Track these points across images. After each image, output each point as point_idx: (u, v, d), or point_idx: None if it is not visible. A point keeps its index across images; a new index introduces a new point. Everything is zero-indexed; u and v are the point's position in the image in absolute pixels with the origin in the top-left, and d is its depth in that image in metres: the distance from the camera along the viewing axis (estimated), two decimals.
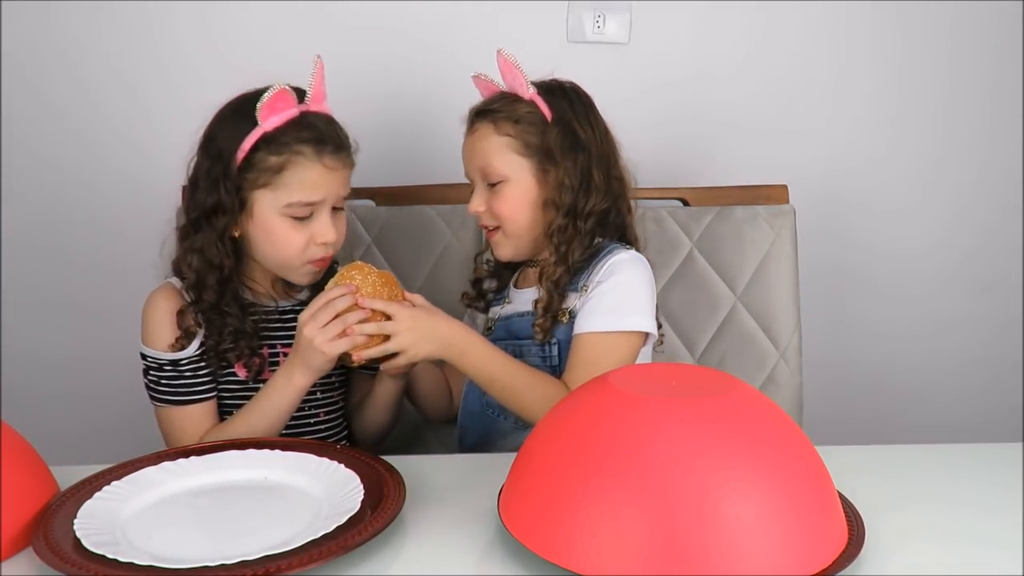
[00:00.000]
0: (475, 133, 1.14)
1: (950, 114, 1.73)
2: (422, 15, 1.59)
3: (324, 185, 1.06)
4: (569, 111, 1.14)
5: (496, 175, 1.12)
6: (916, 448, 1.04)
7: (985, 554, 0.77)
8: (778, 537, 0.68)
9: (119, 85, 1.57)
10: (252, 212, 1.07)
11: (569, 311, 1.11)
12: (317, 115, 1.08)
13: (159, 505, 0.84)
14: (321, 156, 1.05)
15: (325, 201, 1.07)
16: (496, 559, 0.75)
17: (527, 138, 1.11)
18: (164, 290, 1.12)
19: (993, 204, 1.77)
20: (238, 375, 1.12)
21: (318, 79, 1.08)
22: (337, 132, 1.09)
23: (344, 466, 0.88)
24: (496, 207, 1.12)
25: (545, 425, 0.80)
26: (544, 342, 1.11)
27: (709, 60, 1.66)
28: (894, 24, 1.67)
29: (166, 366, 1.09)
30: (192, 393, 1.10)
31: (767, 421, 0.75)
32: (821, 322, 1.69)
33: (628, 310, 1.08)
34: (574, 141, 1.12)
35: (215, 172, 1.06)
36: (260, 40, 1.56)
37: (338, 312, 0.98)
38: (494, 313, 1.22)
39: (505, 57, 1.12)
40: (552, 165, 1.11)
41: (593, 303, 1.09)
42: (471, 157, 1.14)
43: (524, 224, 1.13)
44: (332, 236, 1.08)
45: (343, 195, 1.10)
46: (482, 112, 1.14)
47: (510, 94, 1.14)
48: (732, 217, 1.43)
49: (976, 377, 1.82)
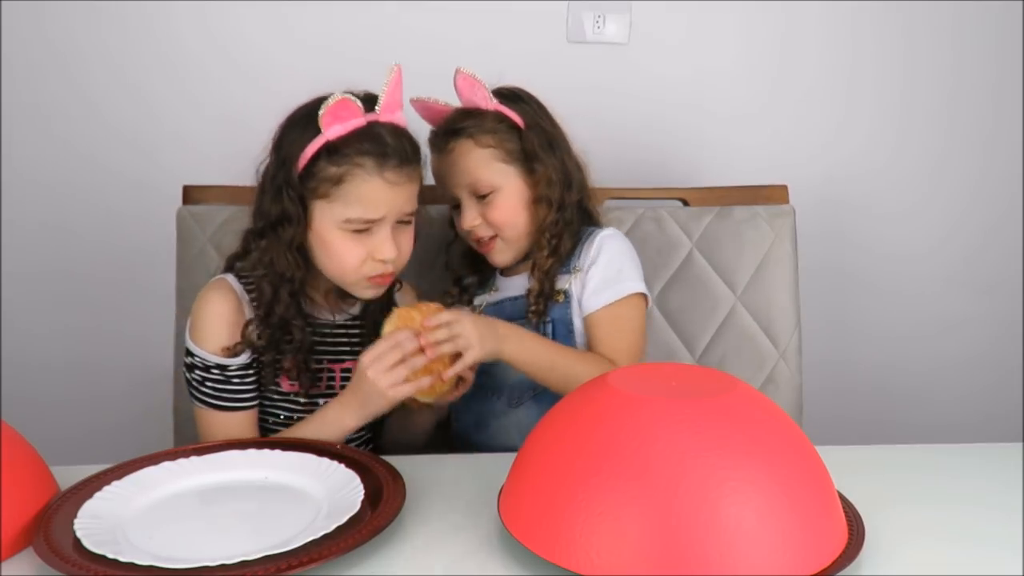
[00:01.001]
0: (452, 152, 1.15)
1: (951, 115, 1.73)
2: (421, 16, 1.59)
3: (385, 201, 1.02)
4: (532, 113, 1.18)
5: (486, 186, 1.14)
6: (916, 448, 1.04)
7: (985, 554, 0.77)
8: (778, 537, 0.68)
9: (118, 85, 1.57)
10: (311, 222, 1.03)
11: (564, 291, 1.16)
12: (385, 125, 1.03)
13: (159, 505, 0.84)
14: (382, 170, 1.00)
15: (386, 217, 1.03)
16: (496, 559, 0.75)
17: (507, 145, 1.15)
18: (221, 289, 1.07)
19: (994, 205, 1.77)
20: (282, 386, 1.09)
21: (392, 87, 1.04)
22: (404, 145, 1.03)
23: (344, 466, 0.88)
24: (491, 217, 1.15)
25: (545, 425, 0.80)
26: (539, 323, 1.16)
27: (709, 60, 1.66)
28: (895, 24, 1.67)
29: (213, 369, 1.05)
30: (236, 400, 1.06)
31: (767, 421, 0.75)
32: (821, 322, 1.69)
33: (625, 277, 1.16)
34: (547, 139, 1.17)
35: (279, 179, 1.03)
36: (261, 39, 1.56)
37: (405, 355, 0.97)
38: (480, 301, 1.24)
39: (465, 74, 1.15)
40: (536, 164, 1.15)
41: (596, 283, 1.15)
42: (453, 175, 1.15)
43: (521, 227, 1.17)
44: (391, 253, 1.03)
45: (408, 211, 1.06)
46: (452, 131, 1.15)
47: (469, 109, 1.16)
48: (732, 217, 1.43)
49: (976, 377, 1.82)
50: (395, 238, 1.04)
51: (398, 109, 1.06)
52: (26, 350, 1.64)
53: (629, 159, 1.65)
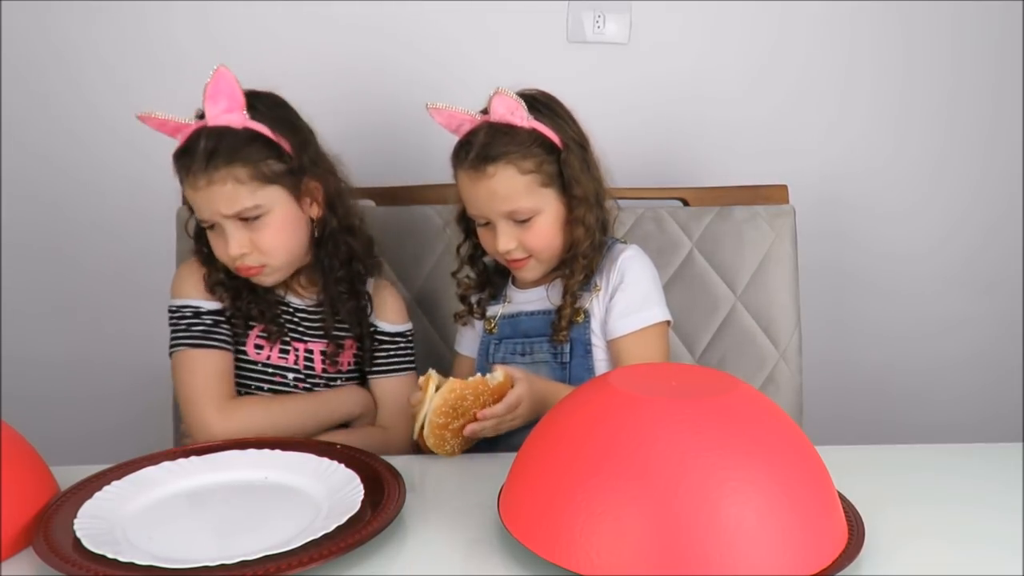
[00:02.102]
0: (492, 178, 1.09)
1: (951, 115, 1.73)
2: (422, 15, 1.59)
3: (202, 204, 1.07)
4: (567, 128, 1.14)
5: (528, 213, 1.11)
6: (916, 448, 1.04)
7: (985, 554, 0.77)
8: (778, 537, 0.68)
9: (118, 85, 1.57)
10: None
11: (584, 310, 1.15)
12: (207, 130, 1.05)
13: (159, 505, 0.84)
14: (194, 177, 1.05)
15: (213, 219, 1.07)
16: (496, 559, 0.75)
17: (547, 168, 1.11)
18: (191, 263, 1.16)
19: (994, 204, 1.77)
20: (248, 353, 1.13)
21: (209, 91, 1.05)
22: (217, 147, 1.04)
23: (344, 466, 0.88)
24: (528, 240, 1.12)
25: (545, 425, 0.80)
26: (562, 342, 1.15)
27: (709, 60, 1.66)
28: (895, 24, 1.67)
29: (188, 312, 1.11)
30: (209, 338, 1.10)
31: (767, 421, 0.75)
32: (821, 322, 1.69)
33: (652, 303, 1.15)
34: (583, 159, 1.14)
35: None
36: (260, 39, 1.56)
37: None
38: (494, 312, 1.23)
39: (504, 96, 1.08)
40: (576, 188, 1.13)
41: (621, 307, 1.14)
42: (491, 201, 1.11)
43: (557, 248, 1.15)
44: (235, 250, 1.07)
45: (233, 210, 1.06)
46: (492, 156, 1.09)
47: (500, 125, 1.10)
48: (732, 217, 1.43)
49: (976, 377, 1.82)
50: (249, 236, 1.07)
51: (229, 111, 1.06)
52: (26, 350, 1.64)
53: (629, 159, 1.64)
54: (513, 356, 1.19)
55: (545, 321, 1.17)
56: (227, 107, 1.05)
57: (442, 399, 0.96)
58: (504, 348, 1.20)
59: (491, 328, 1.22)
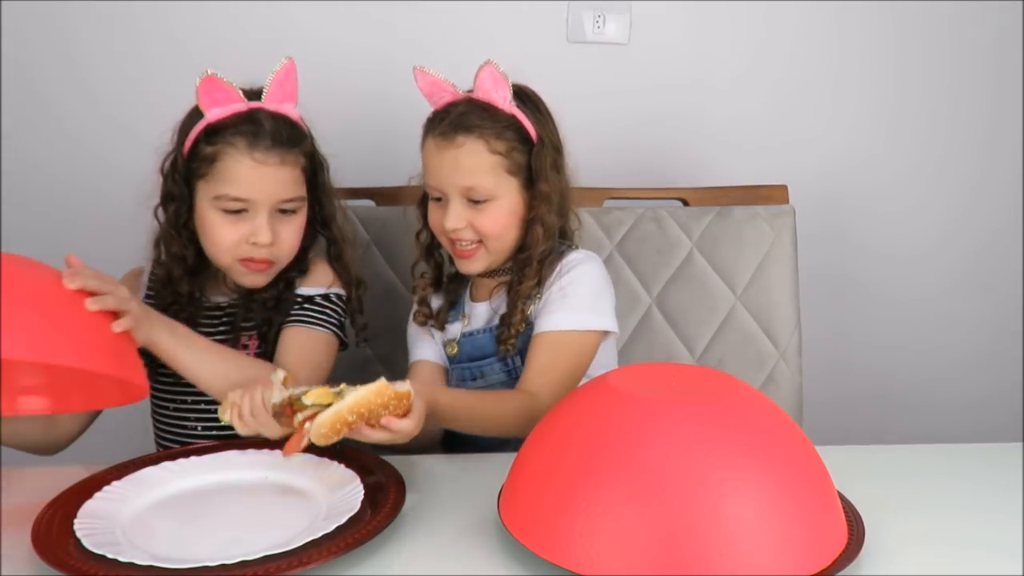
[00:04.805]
0: (460, 147, 1.06)
1: (950, 114, 1.73)
2: (422, 15, 1.59)
3: (254, 181, 1.03)
4: (547, 126, 1.12)
5: (485, 194, 1.08)
6: (916, 449, 1.04)
7: (985, 555, 0.77)
8: (778, 537, 0.68)
9: (118, 85, 1.57)
10: (195, 202, 1.08)
11: (527, 316, 1.10)
12: (266, 112, 1.06)
13: (159, 505, 0.84)
14: (252, 150, 1.03)
15: (258, 200, 1.04)
16: (496, 559, 0.75)
17: (515, 157, 1.09)
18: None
19: (994, 205, 1.77)
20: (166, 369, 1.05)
21: (279, 77, 1.07)
22: (281, 129, 1.05)
23: (344, 466, 0.88)
24: (481, 224, 1.08)
25: (545, 425, 0.80)
26: (508, 352, 1.11)
27: (709, 60, 1.66)
28: (895, 24, 1.67)
29: None
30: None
31: (767, 421, 0.75)
32: (821, 322, 1.69)
33: (584, 307, 1.09)
34: (555, 159, 1.12)
35: (169, 161, 1.09)
36: (260, 39, 1.56)
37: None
38: (454, 332, 1.18)
39: (493, 69, 1.07)
40: (541, 184, 1.09)
41: (555, 303, 1.08)
42: (452, 171, 1.07)
43: (509, 242, 1.11)
44: (266, 238, 1.04)
45: (285, 197, 1.06)
46: (466, 126, 1.07)
47: (483, 103, 1.08)
48: (732, 217, 1.43)
49: (976, 378, 1.82)
50: (276, 227, 1.06)
51: (287, 101, 1.08)
52: None
53: (629, 159, 1.65)
54: (464, 382, 1.15)
55: (493, 338, 1.13)
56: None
57: (366, 400, 0.83)
58: (455, 375, 1.16)
59: (453, 351, 1.17)
